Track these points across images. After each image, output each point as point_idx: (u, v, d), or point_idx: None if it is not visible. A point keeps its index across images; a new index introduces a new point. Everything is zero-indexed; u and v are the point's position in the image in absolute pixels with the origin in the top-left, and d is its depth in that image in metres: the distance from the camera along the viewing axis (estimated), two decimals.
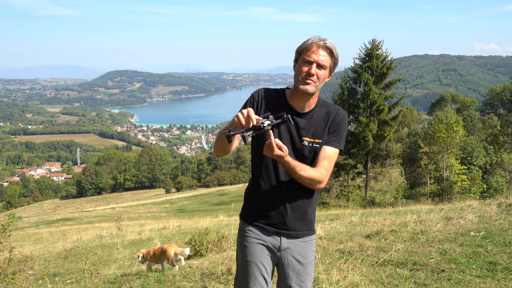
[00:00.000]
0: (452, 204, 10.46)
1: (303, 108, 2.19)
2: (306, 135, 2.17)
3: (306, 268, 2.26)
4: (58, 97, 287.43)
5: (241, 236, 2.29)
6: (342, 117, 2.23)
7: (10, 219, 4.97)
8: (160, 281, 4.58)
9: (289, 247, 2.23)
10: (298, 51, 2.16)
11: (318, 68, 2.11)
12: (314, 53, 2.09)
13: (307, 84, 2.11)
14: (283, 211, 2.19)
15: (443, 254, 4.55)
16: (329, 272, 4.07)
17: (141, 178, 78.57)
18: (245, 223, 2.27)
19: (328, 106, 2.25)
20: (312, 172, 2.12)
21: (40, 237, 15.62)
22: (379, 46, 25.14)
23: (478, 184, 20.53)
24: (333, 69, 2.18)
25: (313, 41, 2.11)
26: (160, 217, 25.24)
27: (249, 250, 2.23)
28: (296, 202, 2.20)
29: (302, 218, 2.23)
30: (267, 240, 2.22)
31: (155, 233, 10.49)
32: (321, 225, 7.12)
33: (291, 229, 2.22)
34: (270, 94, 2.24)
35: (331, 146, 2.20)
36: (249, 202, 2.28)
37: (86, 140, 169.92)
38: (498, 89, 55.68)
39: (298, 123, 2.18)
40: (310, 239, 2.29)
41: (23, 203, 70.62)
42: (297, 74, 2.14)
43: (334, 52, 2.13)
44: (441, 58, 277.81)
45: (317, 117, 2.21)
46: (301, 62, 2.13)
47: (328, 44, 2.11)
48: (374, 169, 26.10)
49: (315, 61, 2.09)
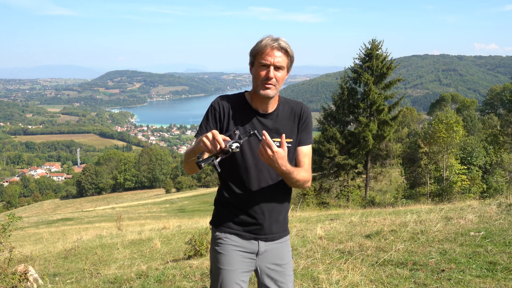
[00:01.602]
0: (452, 204, 10.46)
1: (266, 109, 2.15)
2: (276, 136, 2.12)
3: (284, 269, 2.23)
4: (58, 97, 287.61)
5: (216, 244, 2.19)
6: (307, 112, 2.22)
7: (10, 219, 4.97)
8: (160, 281, 4.58)
9: (267, 250, 2.19)
10: (253, 54, 2.09)
11: (276, 70, 2.06)
12: (269, 56, 2.03)
13: (267, 89, 2.05)
14: (260, 215, 2.14)
15: (443, 254, 4.55)
16: (329, 272, 4.08)
17: (141, 178, 78.58)
18: (220, 231, 2.19)
19: (290, 103, 2.22)
20: (304, 174, 2.12)
21: (40, 237, 15.62)
22: (379, 46, 25.15)
23: (478, 184, 20.54)
24: (290, 67, 2.13)
25: (266, 43, 2.04)
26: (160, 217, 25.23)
27: (226, 259, 2.15)
28: (272, 204, 2.16)
29: (278, 220, 2.20)
30: (245, 246, 2.16)
31: (155, 233, 10.49)
32: (321, 225, 7.12)
33: (268, 233, 2.17)
34: (230, 101, 2.17)
35: (306, 144, 2.22)
36: (223, 209, 2.20)
37: (86, 140, 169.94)
38: (498, 89, 55.67)
39: (265, 124, 2.14)
40: (286, 239, 2.26)
41: (23, 203, 70.60)
42: (255, 78, 2.09)
43: (289, 51, 2.07)
44: (441, 58, 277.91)
45: (282, 116, 2.17)
46: (257, 66, 2.07)
47: (282, 44, 2.04)
48: (374, 169, 26.10)
49: (271, 64, 2.03)
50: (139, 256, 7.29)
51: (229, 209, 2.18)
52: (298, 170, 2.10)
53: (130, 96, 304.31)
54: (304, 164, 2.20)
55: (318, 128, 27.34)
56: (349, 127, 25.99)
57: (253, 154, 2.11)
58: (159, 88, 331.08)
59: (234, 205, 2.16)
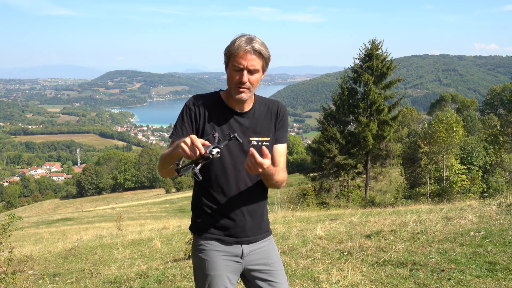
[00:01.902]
0: (452, 204, 10.45)
1: (242, 108, 2.09)
2: (253, 135, 2.09)
3: (275, 268, 2.18)
4: (58, 97, 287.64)
5: (198, 251, 2.12)
6: (284, 110, 2.18)
7: (10, 219, 4.97)
8: (160, 281, 4.58)
9: (251, 252, 2.14)
10: (226, 55, 2.01)
11: (250, 74, 1.98)
12: (243, 59, 1.94)
13: (241, 92, 2.00)
14: (241, 219, 2.09)
15: (443, 254, 4.55)
16: (329, 272, 4.08)
17: (141, 178, 78.58)
18: (201, 237, 2.12)
19: (266, 101, 2.18)
20: (283, 174, 2.08)
21: (40, 237, 15.62)
22: (379, 46, 25.16)
23: (478, 184, 20.54)
24: (266, 67, 2.06)
25: (239, 45, 1.95)
26: (160, 217, 25.22)
27: (210, 264, 2.09)
28: (252, 207, 2.12)
29: (259, 221, 2.16)
30: (227, 250, 2.10)
31: (155, 233, 10.49)
32: (321, 225, 7.12)
33: (250, 235, 2.13)
34: (206, 100, 2.11)
35: (282, 143, 2.19)
36: (202, 214, 2.13)
37: (86, 140, 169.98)
38: (498, 89, 55.67)
39: (242, 123, 2.09)
40: (269, 239, 2.22)
41: (23, 203, 70.59)
42: (229, 81, 2.02)
43: (263, 53, 1.98)
44: (441, 58, 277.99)
45: (259, 114, 2.13)
46: (231, 69, 1.99)
47: (256, 47, 1.95)
48: (374, 169, 26.10)
49: (245, 67, 1.95)
50: (139, 256, 7.29)
51: (208, 214, 2.11)
52: (278, 171, 2.05)
53: (130, 96, 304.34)
54: (280, 163, 2.16)
55: (318, 128, 27.36)
56: (349, 127, 26.00)
57: (231, 154, 2.06)
58: (159, 88, 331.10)
59: (213, 209, 2.10)
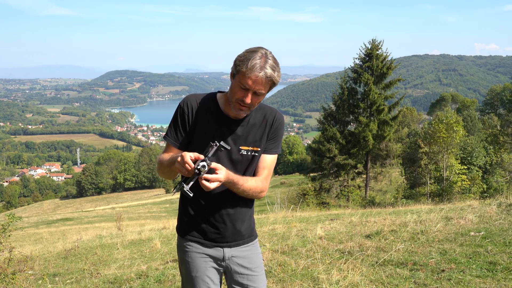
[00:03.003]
0: (452, 204, 10.45)
1: (237, 116, 2.02)
2: (244, 144, 2.04)
3: (255, 271, 2.17)
4: (58, 97, 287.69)
5: (181, 252, 2.15)
6: (280, 121, 2.11)
7: (10, 219, 4.97)
8: (160, 281, 4.58)
9: (233, 255, 2.13)
10: (237, 68, 1.92)
11: (255, 95, 1.92)
12: (252, 82, 1.87)
13: (240, 110, 1.95)
14: (221, 224, 2.08)
15: (443, 254, 4.55)
16: (329, 272, 4.08)
17: (141, 178, 78.55)
18: (184, 238, 2.14)
19: (264, 109, 2.11)
20: (253, 183, 2.02)
21: (40, 237, 15.61)
22: (379, 46, 25.16)
23: (478, 184, 20.53)
24: (272, 88, 1.99)
25: (253, 68, 1.85)
26: (160, 217, 25.22)
27: (192, 265, 2.10)
28: (234, 211, 2.09)
29: (241, 227, 2.13)
30: (209, 253, 2.11)
31: (155, 233, 10.48)
32: (321, 225, 7.11)
33: (231, 240, 2.11)
34: (200, 102, 2.05)
35: (270, 154, 2.12)
36: (186, 216, 2.13)
37: (86, 140, 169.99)
38: (498, 89, 55.68)
39: (235, 131, 2.03)
40: (254, 243, 2.20)
41: (23, 203, 70.60)
42: (231, 93, 1.95)
43: (274, 79, 1.91)
44: (441, 58, 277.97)
45: (253, 122, 2.06)
46: (237, 84, 1.91)
47: (269, 74, 1.87)
48: (374, 169, 26.10)
49: (252, 89, 1.89)
50: (139, 256, 7.28)
51: (191, 216, 2.11)
52: (245, 179, 1.99)
53: (130, 96, 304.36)
54: (260, 173, 2.09)
55: (318, 128, 27.36)
56: (349, 127, 26.01)
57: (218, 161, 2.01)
58: (159, 88, 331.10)
59: (196, 212, 2.10)
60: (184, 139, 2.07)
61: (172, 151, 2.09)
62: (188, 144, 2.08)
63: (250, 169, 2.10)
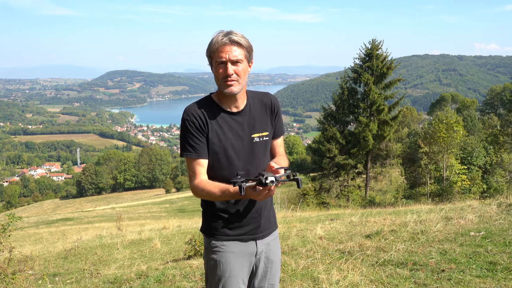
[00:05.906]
0: (452, 204, 10.44)
1: (238, 107, 2.10)
2: (254, 131, 2.12)
3: (276, 265, 2.25)
4: (58, 97, 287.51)
5: (213, 253, 2.13)
6: (277, 103, 2.23)
7: (10, 219, 4.97)
8: (160, 281, 4.58)
9: (263, 249, 2.19)
10: (208, 55, 2.03)
11: (234, 65, 1.99)
12: (223, 52, 1.97)
13: (229, 86, 2.00)
14: (256, 216, 2.14)
15: (443, 254, 4.55)
16: (329, 272, 4.08)
17: (141, 178, 78.54)
18: (216, 239, 2.13)
19: (258, 96, 2.20)
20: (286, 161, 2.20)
21: (40, 237, 15.61)
22: (379, 46, 25.16)
23: (478, 184, 20.54)
24: (250, 57, 2.06)
25: (217, 40, 1.98)
26: (160, 217, 25.21)
27: (227, 266, 2.10)
28: (265, 202, 2.17)
29: (269, 215, 2.23)
30: (243, 249, 2.13)
31: (155, 233, 10.48)
32: (321, 225, 7.11)
33: (264, 230, 2.18)
34: (201, 108, 2.09)
35: (281, 136, 2.27)
36: (215, 216, 2.13)
37: (86, 140, 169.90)
38: (498, 89, 55.66)
39: (241, 122, 2.10)
40: (276, 233, 2.29)
41: (23, 203, 70.56)
42: (216, 78, 2.04)
43: (242, 43, 1.99)
44: (441, 58, 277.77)
45: (254, 110, 2.15)
46: (215, 66, 2.01)
47: (233, 38, 1.97)
48: (374, 169, 26.10)
49: (227, 60, 1.97)
50: (139, 256, 7.28)
51: (221, 216, 2.12)
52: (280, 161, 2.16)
53: (130, 96, 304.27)
54: (280, 153, 2.27)
55: (318, 128, 27.36)
56: (349, 127, 26.01)
57: (238, 156, 2.09)
58: (159, 88, 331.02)
59: (226, 211, 2.11)
60: (204, 146, 2.09)
61: (200, 164, 2.08)
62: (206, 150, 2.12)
63: (266, 153, 2.20)
